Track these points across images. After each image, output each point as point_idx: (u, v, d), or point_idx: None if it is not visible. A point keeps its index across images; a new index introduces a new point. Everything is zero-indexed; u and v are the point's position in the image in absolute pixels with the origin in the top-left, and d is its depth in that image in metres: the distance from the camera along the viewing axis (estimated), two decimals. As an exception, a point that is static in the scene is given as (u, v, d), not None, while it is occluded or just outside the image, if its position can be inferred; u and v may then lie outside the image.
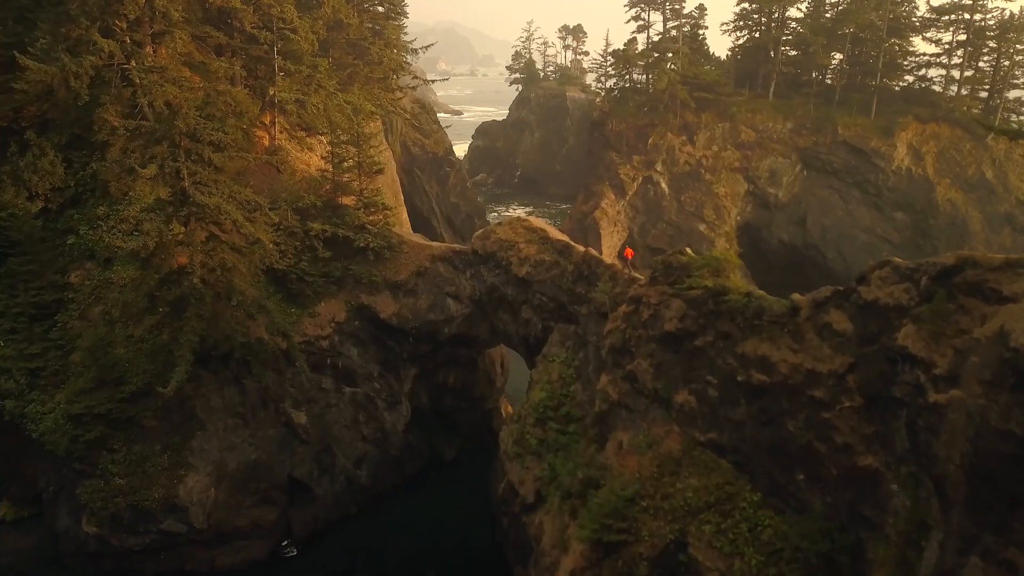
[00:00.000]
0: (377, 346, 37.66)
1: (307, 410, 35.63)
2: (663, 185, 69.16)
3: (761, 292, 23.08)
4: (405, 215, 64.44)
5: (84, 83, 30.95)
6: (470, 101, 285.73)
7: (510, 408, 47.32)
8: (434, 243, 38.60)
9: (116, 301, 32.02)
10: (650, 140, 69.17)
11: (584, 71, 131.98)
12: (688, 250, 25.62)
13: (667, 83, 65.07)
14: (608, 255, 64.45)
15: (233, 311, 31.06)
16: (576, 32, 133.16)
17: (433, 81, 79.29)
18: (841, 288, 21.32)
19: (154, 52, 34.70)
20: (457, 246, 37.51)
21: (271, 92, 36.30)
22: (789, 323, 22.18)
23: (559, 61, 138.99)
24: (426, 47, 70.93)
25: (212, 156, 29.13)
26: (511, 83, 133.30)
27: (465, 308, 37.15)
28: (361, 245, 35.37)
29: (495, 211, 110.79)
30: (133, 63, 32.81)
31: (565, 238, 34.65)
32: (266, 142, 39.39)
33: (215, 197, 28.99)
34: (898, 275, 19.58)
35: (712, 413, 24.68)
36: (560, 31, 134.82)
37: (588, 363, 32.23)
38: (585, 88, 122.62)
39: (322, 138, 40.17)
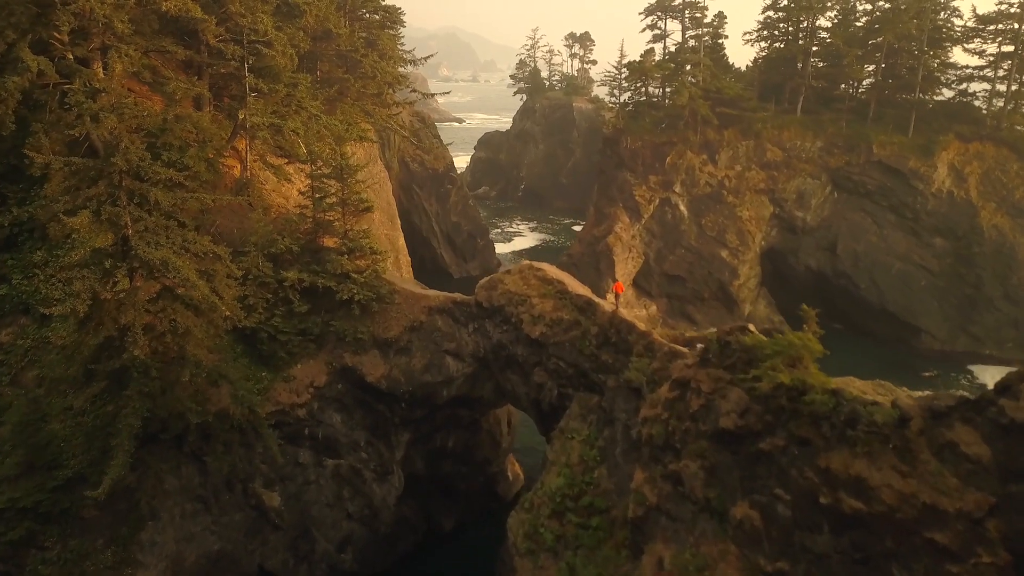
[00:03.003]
0: (364, 411, 32.32)
1: (281, 490, 30.34)
2: (682, 208, 63.88)
3: (854, 392, 17.74)
4: (402, 240, 59.29)
5: (9, 108, 25.76)
6: (472, 108, 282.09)
7: (517, 467, 42.06)
8: (431, 292, 33.26)
9: (53, 365, 26.87)
10: (668, 159, 63.87)
11: (591, 81, 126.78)
12: (752, 327, 20.27)
13: (687, 97, 59.68)
14: (623, 283, 59.17)
15: (188, 382, 25.77)
16: (583, 40, 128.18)
17: (433, 95, 74.15)
18: (971, 398, 16.00)
19: (105, 71, 29.44)
20: (458, 296, 32.15)
21: (241, 115, 31.04)
22: (895, 437, 16.84)
23: (565, 70, 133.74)
24: (426, 57, 65.95)
25: (160, 197, 23.86)
26: (515, 93, 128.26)
27: (466, 367, 31.82)
28: (345, 297, 30.00)
29: (498, 227, 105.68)
30: (77, 84, 27.56)
31: (587, 292, 29.28)
32: (237, 172, 34.11)
33: (163, 249, 23.74)
34: (1064, 390, 14.32)
35: (783, 538, 19.30)
36: (566, 39, 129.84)
37: (615, 444, 26.90)
38: (593, 99, 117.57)
39: (303, 166, 34.88)
